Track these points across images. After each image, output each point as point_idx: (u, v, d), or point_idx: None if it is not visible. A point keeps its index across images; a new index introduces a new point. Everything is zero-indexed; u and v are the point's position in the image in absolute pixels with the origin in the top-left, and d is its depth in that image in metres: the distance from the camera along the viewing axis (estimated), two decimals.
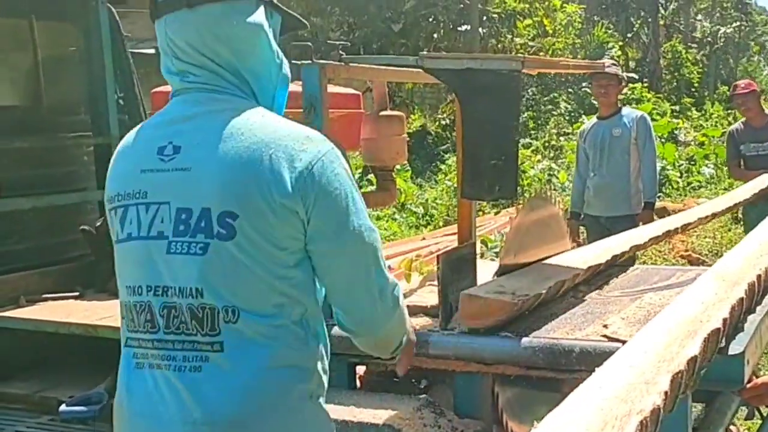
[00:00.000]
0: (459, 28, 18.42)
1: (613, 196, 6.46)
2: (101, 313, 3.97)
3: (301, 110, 3.27)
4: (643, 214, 6.32)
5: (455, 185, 12.02)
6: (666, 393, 1.81)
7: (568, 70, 5.10)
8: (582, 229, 7.04)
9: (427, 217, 11.94)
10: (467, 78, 3.01)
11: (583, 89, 17.99)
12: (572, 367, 2.76)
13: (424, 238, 10.05)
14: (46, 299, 4.19)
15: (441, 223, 11.55)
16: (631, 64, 23.00)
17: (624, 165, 6.43)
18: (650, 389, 1.80)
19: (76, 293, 4.28)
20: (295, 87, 3.76)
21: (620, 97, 6.75)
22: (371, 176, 10.44)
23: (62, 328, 3.90)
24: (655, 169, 6.57)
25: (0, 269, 4.18)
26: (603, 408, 1.70)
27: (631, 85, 15.71)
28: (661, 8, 24.87)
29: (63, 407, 3.72)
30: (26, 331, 3.99)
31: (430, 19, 18.08)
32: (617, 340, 2.70)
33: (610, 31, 22.04)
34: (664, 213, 8.86)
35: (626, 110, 6.66)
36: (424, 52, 3.23)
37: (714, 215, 4.57)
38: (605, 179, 6.48)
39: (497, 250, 8.88)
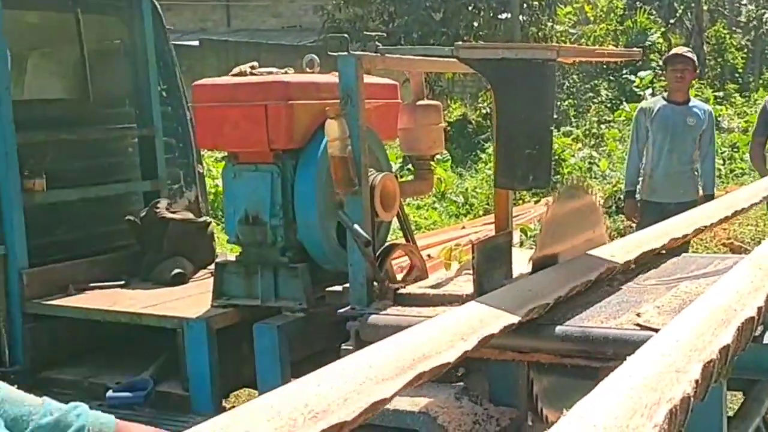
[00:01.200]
0: (499, 17, 18.33)
1: (683, 183, 6.42)
2: (146, 302, 4.08)
3: (338, 101, 3.35)
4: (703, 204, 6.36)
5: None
6: (697, 382, 1.82)
7: (604, 58, 5.07)
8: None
9: (467, 206, 11.94)
10: (502, 68, 3.03)
11: (624, 76, 17.83)
12: (606, 356, 2.77)
13: (463, 227, 10.08)
14: (93, 288, 4.31)
15: (481, 212, 11.55)
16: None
17: (691, 153, 6.43)
18: (681, 378, 1.81)
19: (122, 282, 4.40)
20: (332, 78, 3.85)
21: (663, 84, 6.73)
22: (411, 166, 10.51)
23: (109, 316, 4.02)
24: (715, 162, 6.64)
25: (49, 258, 4.30)
26: (632, 396, 1.72)
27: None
28: None
29: (110, 393, 3.84)
30: (75, 319, 4.11)
31: (471, 8, 17.99)
32: (650, 329, 2.72)
33: (652, 17, 21.78)
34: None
35: (695, 101, 6.64)
36: (461, 42, 3.26)
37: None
38: (675, 167, 6.41)
39: (535, 239, 8.90)
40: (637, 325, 2.80)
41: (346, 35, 3.36)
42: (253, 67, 3.85)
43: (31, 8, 4.76)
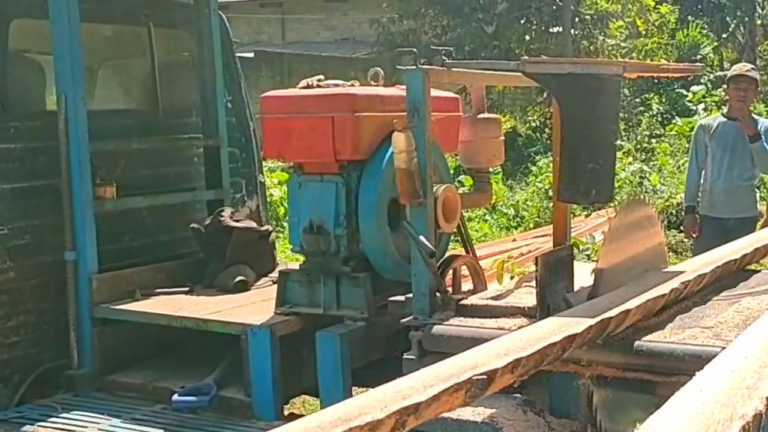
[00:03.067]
0: (551, 30, 18.31)
1: (742, 198, 6.40)
2: (211, 308, 4.16)
3: (403, 113, 3.41)
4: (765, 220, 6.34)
5: (546, 187, 12.06)
6: None
7: (669, 73, 5.07)
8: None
9: (518, 219, 11.94)
10: (568, 82, 3.06)
11: (676, 91, 17.68)
12: (669, 371, 2.78)
13: (514, 240, 10.09)
14: (159, 293, 4.40)
15: (531, 225, 11.54)
16: (726, 65, 22.47)
17: (752, 169, 6.39)
18: (752, 394, 1.82)
19: (186, 288, 4.48)
20: (397, 91, 3.92)
21: (715, 99, 6.70)
22: (462, 177, 10.54)
23: (175, 321, 4.10)
24: None
25: (117, 264, 4.41)
26: (704, 412, 1.73)
27: (725, 86, 15.37)
28: (758, 7, 24.23)
29: (175, 397, 3.90)
30: (141, 324, 4.21)
31: (523, 21, 18.01)
32: (716, 345, 2.73)
33: (704, 31, 21.58)
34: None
35: (753, 116, 6.59)
36: (525, 57, 3.30)
37: None
38: (735, 182, 6.40)
39: (588, 252, 8.87)
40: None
41: (414, 49, 3.43)
42: (320, 80, 3.92)
43: (106, 21, 4.89)
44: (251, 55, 18.48)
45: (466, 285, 4.02)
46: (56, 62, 4.22)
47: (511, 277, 6.75)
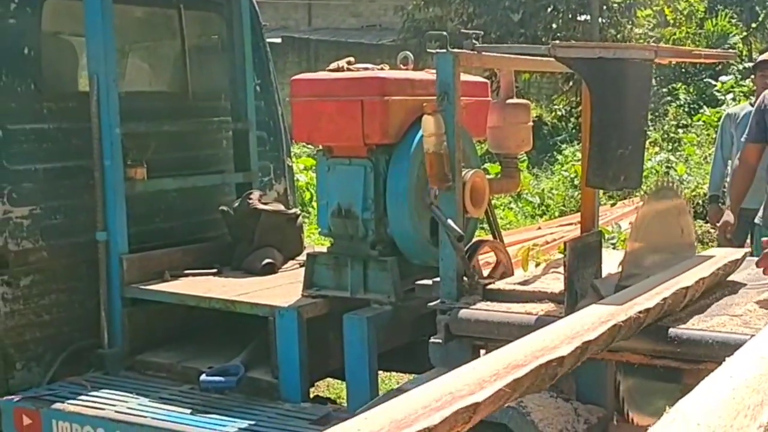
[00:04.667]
0: (578, 18, 18.20)
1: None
2: (238, 290, 4.20)
3: (433, 97, 3.41)
4: None
5: (572, 176, 12.00)
6: None
7: (700, 60, 5.04)
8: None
9: (543, 207, 11.92)
10: (599, 67, 3.05)
11: (704, 80, 17.53)
12: (698, 358, 2.78)
13: (539, 228, 10.07)
14: (187, 275, 4.44)
15: (557, 213, 11.51)
16: (755, 55, 22.24)
17: None
18: None
19: (215, 270, 4.52)
20: (426, 75, 3.92)
21: (744, 89, 6.58)
22: (487, 165, 10.52)
23: (203, 302, 4.14)
24: None
25: (147, 245, 4.45)
26: (735, 397, 1.73)
27: (752, 75, 15.22)
28: None
29: (203, 377, 3.94)
30: (170, 304, 4.25)
31: (549, 9, 17.91)
32: (745, 333, 2.73)
33: (733, 21, 21.37)
34: None
35: None
36: (556, 42, 3.29)
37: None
38: (761, 172, 6.33)
39: (614, 241, 8.84)
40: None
41: (445, 33, 3.43)
42: (349, 63, 3.93)
43: (137, 3, 4.92)
44: (278, 40, 18.52)
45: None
46: (89, 44, 4.25)
47: (536, 265, 6.75)
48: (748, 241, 6.13)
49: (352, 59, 3.99)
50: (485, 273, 3.87)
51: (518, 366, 2.05)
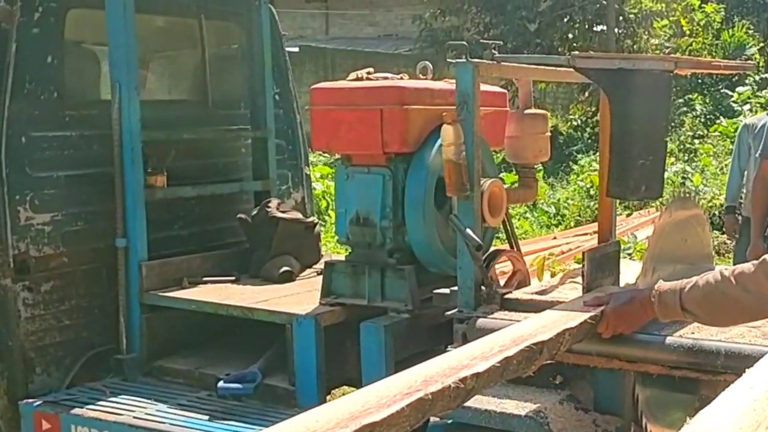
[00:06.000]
0: (595, 29, 18.23)
1: None
2: (256, 297, 4.21)
3: (452, 107, 3.43)
4: None
5: (588, 186, 11.99)
6: None
7: (720, 71, 5.04)
8: None
9: (559, 217, 11.92)
10: (619, 78, 3.06)
11: (721, 91, 17.50)
12: (717, 369, 2.77)
13: (555, 238, 10.08)
14: (205, 282, 4.46)
15: (572, 223, 11.51)
16: None
17: None
18: None
19: (233, 277, 4.54)
20: (446, 85, 3.94)
21: (761, 100, 6.53)
22: (503, 174, 10.53)
23: (221, 309, 4.16)
24: None
25: (165, 252, 4.47)
26: (755, 409, 1.72)
27: None
28: None
29: (220, 384, 3.95)
30: (188, 311, 4.27)
31: (566, 19, 17.95)
32: (764, 344, 2.72)
33: (750, 32, 21.32)
34: None
35: None
36: (576, 52, 3.30)
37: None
38: None
39: (630, 251, 8.83)
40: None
41: (464, 43, 3.45)
42: (369, 72, 3.95)
43: (159, 13, 4.96)
44: (296, 49, 18.61)
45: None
46: (111, 52, 4.29)
47: (552, 275, 6.75)
48: None
49: (371, 69, 4.01)
50: (501, 282, 3.88)
51: (429, 382, 2.02)
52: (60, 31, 4.32)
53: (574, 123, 18.78)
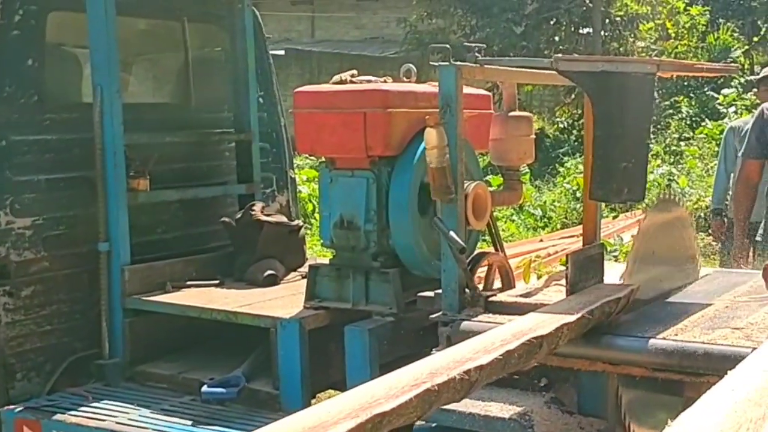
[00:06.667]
0: (581, 31, 18.28)
1: None
2: (240, 301, 4.20)
3: (435, 110, 3.42)
4: None
5: (574, 188, 12.01)
6: None
7: (703, 73, 5.06)
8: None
9: (545, 219, 11.94)
10: (602, 80, 3.05)
11: (706, 94, 17.57)
12: (699, 371, 2.77)
13: (541, 240, 10.07)
14: (189, 286, 4.44)
15: (559, 226, 11.52)
16: (756, 68, 22.28)
17: None
18: None
19: (217, 281, 4.52)
20: (429, 87, 3.93)
21: (746, 102, 6.57)
22: (489, 176, 10.54)
23: (205, 313, 4.14)
24: None
25: (149, 256, 4.45)
26: (737, 411, 1.73)
27: (755, 89, 15.24)
28: None
29: (204, 388, 3.94)
30: (172, 316, 4.25)
31: (552, 22, 17.99)
32: (747, 346, 2.72)
33: (735, 35, 21.42)
34: None
35: None
36: (559, 55, 3.30)
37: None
38: (764, 185, 6.31)
39: (616, 253, 8.84)
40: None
41: (447, 46, 3.44)
42: (353, 75, 3.94)
43: (141, 16, 4.94)
44: (281, 52, 18.61)
45: (496, 283, 4.02)
46: (92, 55, 4.26)
47: (538, 277, 6.74)
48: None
49: (355, 72, 4.00)
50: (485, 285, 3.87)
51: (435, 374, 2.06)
52: (40, 34, 4.30)
53: (561, 125, 18.82)
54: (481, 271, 3.86)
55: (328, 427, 1.75)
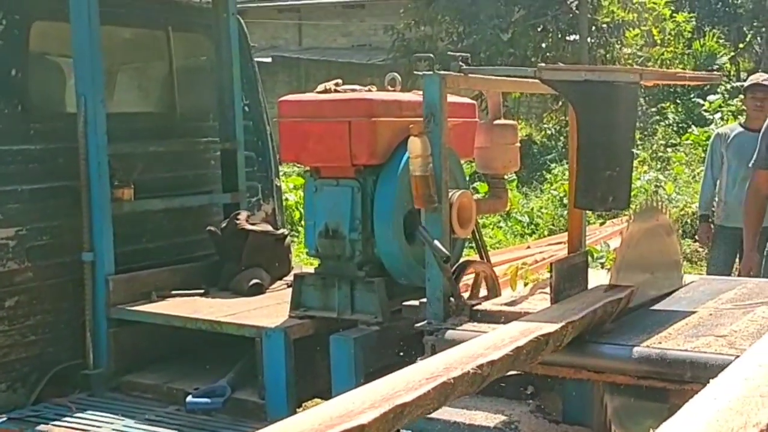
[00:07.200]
0: (567, 38, 18.34)
1: None
2: (225, 311, 4.19)
3: (420, 119, 3.42)
4: None
5: (561, 195, 12.04)
6: None
7: (685, 82, 5.07)
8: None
9: (533, 226, 11.95)
10: (585, 90, 3.06)
11: (692, 100, 17.65)
12: (683, 379, 2.78)
13: (528, 247, 10.08)
14: (174, 295, 4.43)
15: (546, 233, 11.54)
16: (742, 75, 22.41)
17: None
18: (766, 402, 1.83)
19: (202, 291, 4.51)
20: (414, 96, 3.93)
21: (732, 109, 6.59)
22: (477, 184, 10.55)
23: (190, 323, 4.13)
24: None
25: (134, 266, 4.44)
26: (718, 419, 1.73)
27: (742, 96, 15.32)
28: None
29: (189, 398, 3.93)
30: (156, 325, 4.24)
31: (539, 29, 18.04)
32: (730, 354, 2.73)
33: (721, 41, 21.54)
34: None
35: None
36: (542, 64, 3.30)
37: None
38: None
39: (602, 260, 8.85)
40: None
41: (431, 55, 3.45)
42: (337, 84, 3.94)
43: (125, 25, 4.93)
44: (269, 60, 18.60)
45: (481, 291, 4.02)
46: (76, 64, 4.26)
47: (525, 284, 6.75)
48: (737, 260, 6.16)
49: (339, 81, 4.00)
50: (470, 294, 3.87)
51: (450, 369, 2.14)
52: (24, 44, 4.29)
53: (548, 132, 18.87)
54: (468, 278, 3.88)
55: (354, 417, 1.83)
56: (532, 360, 2.60)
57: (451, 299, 3.39)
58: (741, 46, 23.08)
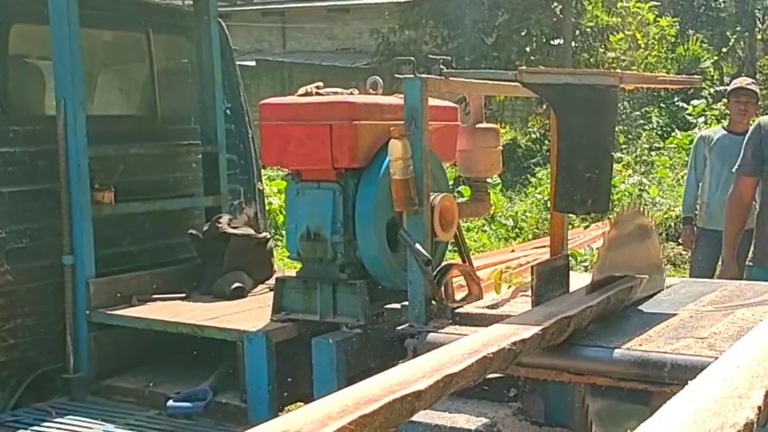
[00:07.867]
0: (552, 42, 18.40)
1: None
2: (207, 314, 4.17)
3: (401, 122, 3.42)
4: None
5: (545, 198, 12.07)
6: (759, 408, 1.83)
7: (665, 85, 5.08)
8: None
9: (517, 230, 11.97)
10: (565, 93, 3.07)
11: (676, 104, 17.73)
12: (663, 380, 2.78)
13: (513, 250, 10.10)
14: (155, 299, 4.41)
15: (530, 236, 11.56)
16: (726, 79, 22.54)
17: None
18: (743, 404, 1.83)
19: (183, 294, 4.49)
20: (396, 100, 3.93)
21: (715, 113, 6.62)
22: (461, 188, 10.56)
23: (171, 327, 4.11)
24: None
25: (114, 269, 4.42)
26: (696, 421, 1.74)
27: (725, 100, 15.40)
28: (758, 22, 24.32)
29: (170, 403, 3.91)
30: (137, 329, 4.22)
31: (523, 33, 18.09)
32: (709, 355, 2.74)
33: (704, 45, 21.66)
34: None
35: None
36: (523, 67, 3.31)
37: None
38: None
39: (586, 263, 8.87)
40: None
41: (412, 58, 3.45)
42: (318, 87, 3.94)
43: (105, 27, 4.92)
44: (253, 63, 18.58)
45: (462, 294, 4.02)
46: (56, 67, 4.24)
47: (509, 288, 6.75)
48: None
49: (321, 84, 3.99)
50: (457, 296, 3.87)
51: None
52: (3, 46, 4.27)
53: (533, 135, 18.91)
54: (456, 281, 3.88)
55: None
56: (555, 340, 2.81)
57: (433, 302, 3.39)
58: (724, 50, 23.20)
